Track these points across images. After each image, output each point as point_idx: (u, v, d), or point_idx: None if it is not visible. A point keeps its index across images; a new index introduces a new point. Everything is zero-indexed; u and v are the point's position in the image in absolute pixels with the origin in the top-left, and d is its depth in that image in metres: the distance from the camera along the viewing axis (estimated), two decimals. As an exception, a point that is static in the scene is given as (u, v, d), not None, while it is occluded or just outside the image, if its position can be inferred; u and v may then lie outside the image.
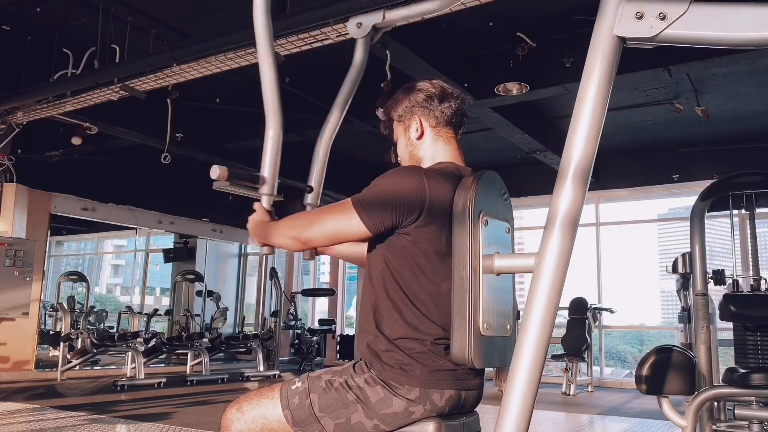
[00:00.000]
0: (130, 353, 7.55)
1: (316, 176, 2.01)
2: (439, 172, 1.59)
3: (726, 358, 6.20)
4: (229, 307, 11.06)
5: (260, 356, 8.65)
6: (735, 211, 3.72)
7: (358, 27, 2.00)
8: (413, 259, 1.54)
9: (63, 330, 7.78)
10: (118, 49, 5.18)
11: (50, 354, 9.34)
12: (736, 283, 3.79)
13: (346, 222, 1.55)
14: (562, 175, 1.13)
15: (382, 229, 1.54)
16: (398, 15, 2.00)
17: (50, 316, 10.90)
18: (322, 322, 11.14)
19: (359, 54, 2.01)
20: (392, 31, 4.34)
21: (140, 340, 7.73)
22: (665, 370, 2.61)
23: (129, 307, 10.04)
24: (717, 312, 3.52)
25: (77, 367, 7.84)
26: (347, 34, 4.36)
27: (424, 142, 1.73)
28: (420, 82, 1.75)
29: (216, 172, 1.64)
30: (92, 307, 10.39)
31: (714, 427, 3.10)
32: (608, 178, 8.62)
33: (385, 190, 1.54)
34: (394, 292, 1.54)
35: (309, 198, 1.96)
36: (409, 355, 1.50)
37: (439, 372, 1.50)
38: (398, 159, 1.81)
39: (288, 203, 2.07)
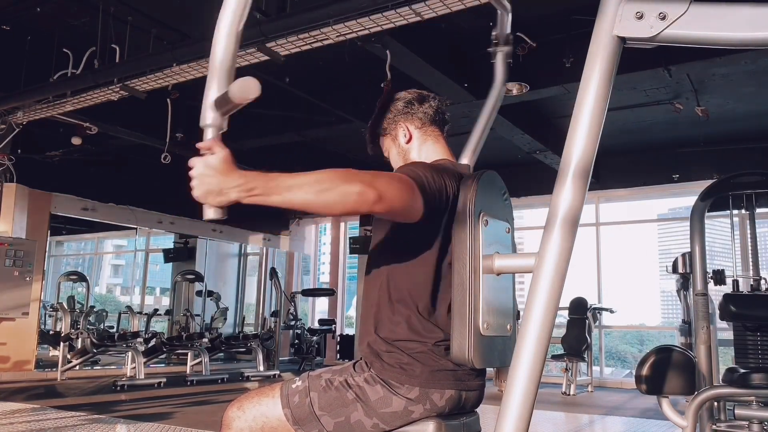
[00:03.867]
0: (130, 353, 7.54)
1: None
2: (445, 170, 1.58)
3: (726, 358, 6.20)
4: (229, 307, 11.05)
5: (260, 356, 8.65)
6: (735, 211, 3.72)
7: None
8: (422, 259, 1.53)
9: (63, 330, 7.77)
10: (118, 49, 5.18)
11: (50, 354, 9.33)
12: (736, 283, 3.78)
13: (412, 198, 1.40)
14: (562, 175, 1.13)
15: (425, 219, 1.46)
16: None
17: (50, 316, 10.89)
18: (322, 322, 11.14)
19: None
20: (392, 31, 4.35)
21: (140, 340, 7.72)
22: (665, 370, 2.61)
23: (129, 307, 10.04)
24: (717, 312, 3.52)
25: (77, 367, 7.84)
26: (347, 33, 4.38)
27: (413, 145, 1.76)
28: (395, 94, 1.79)
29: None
30: (92, 307, 10.39)
31: (714, 427, 3.10)
32: (608, 178, 8.62)
33: (429, 179, 1.47)
34: (397, 293, 1.54)
35: None
36: (409, 355, 1.50)
37: (440, 372, 1.50)
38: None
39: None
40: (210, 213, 1.26)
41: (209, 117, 1.23)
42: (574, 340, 7.91)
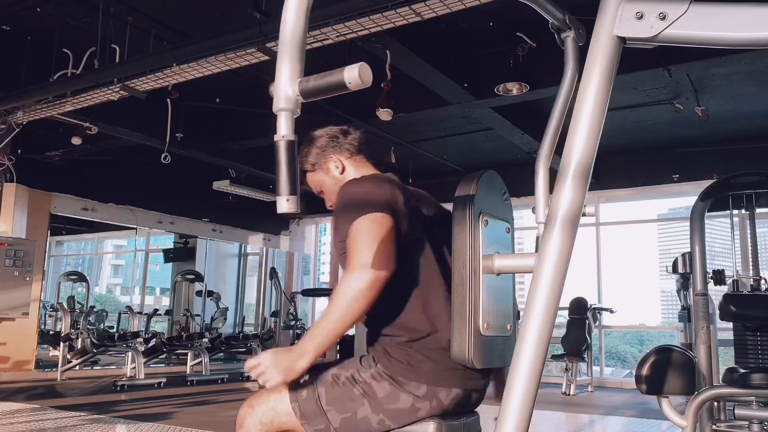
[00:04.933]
0: (130, 353, 7.55)
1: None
2: (388, 180, 1.67)
3: (726, 358, 6.20)
4: (229, 307, 11.05)
5: (260, 356, 8.63)
6: (735, 211, 3.71)
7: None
8: (412, 265, 1.58)
9: (63, 330, 7.77)
10: (118, 49, 5.18)
11: (50, 354, 9.34)
12: (736, 283, 3.78)
13: (380, 227, 1.51)
14: (562, 174, 1.13)
15: (393, 215, 1.56)
16: None
17: (50, 316, 10.90)
18: (322, 322, 11.13)
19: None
20: (392, 31, 4.35)
21: (140, 340, 7.72)
22: (665, 370, 2.61)
23: (129, 307, 10.05)
24: (717, 312, 3.52)
25: (77, 367, 7.84)
26: (347, 33, 4.38)
27: (348, 175, 1.81)
28: (315, 132, 1.88)
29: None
30: (92, 307, 10.39)
31: (714, 427, 3.10)
32: (608, 178, 8.62)
33: (371, 196, 1.57)
34: (401, 297, 1.57)
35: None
36: (419, 352, 1.53)
37: (448, 371, 1.52)
38: (329, 201, 1.84)
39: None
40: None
41: (283, 100, 1.11)
42: (574, 340, 7.91)
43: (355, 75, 1.05)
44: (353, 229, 1.51)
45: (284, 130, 1.06)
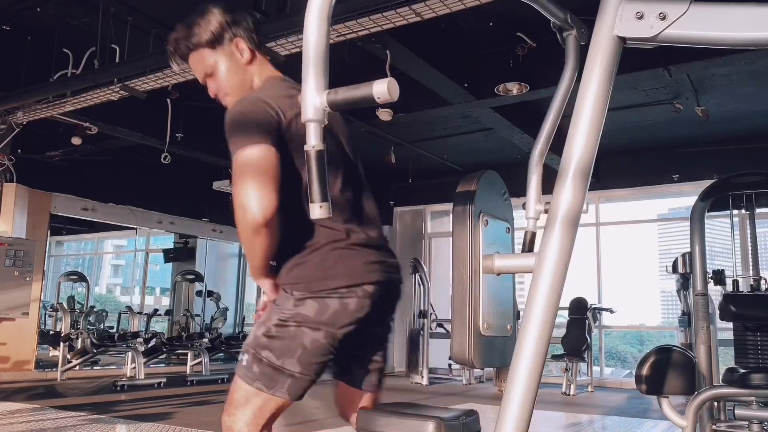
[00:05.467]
0: (130, 353, 7.55)
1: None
2: (271, 92, 1.61)
3: (726, 358, 6.20)
4: (229, 307, 11.06)
5: (260, 356, 8.65)
6: (735, 211, 3.71)
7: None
8: (292, 177, 1.54)
9: (63, 330, 7.78)
10: (118, 49, 5.18)
11: (50, 354, 9.34)
12: (736, 283, 3.78)
13: (261, 159, 1.47)
14: (562, 175, 1.13)
15: (276, 140, 1.51)
16: None
17: (50, 316, 10.90)
18: (322, 322, 11.15)
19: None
20: (392, 31, 4.35)
21: (140, 340, 7.73)
22: (665, 370, 2.60)
23: (129, 307, 10.05)
24: (717, 312, 3.52)
25: (77, 367, 7.85)
26: (347, 33, 4.37)
27: (254, 69, 1.72)
28: (215, 8, 1.72)
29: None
30: (92, 307, 10.40)
31: (714, 427, 3.10)
32: (608, 178, 8.62)
33: (247, 120, 1.52)
34: (292, 210, 1.54)
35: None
36: (329, 252, 1.55)
37: (365, 266, 1.57)
38: (220, 90, 1.76)
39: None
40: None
41: (312, 111, 1.13)
42: (574, 340, 7.91)
43: (384, 90, 1.07)
44: (235, 165, 1.48)
45: (314, 140, 1.08)
